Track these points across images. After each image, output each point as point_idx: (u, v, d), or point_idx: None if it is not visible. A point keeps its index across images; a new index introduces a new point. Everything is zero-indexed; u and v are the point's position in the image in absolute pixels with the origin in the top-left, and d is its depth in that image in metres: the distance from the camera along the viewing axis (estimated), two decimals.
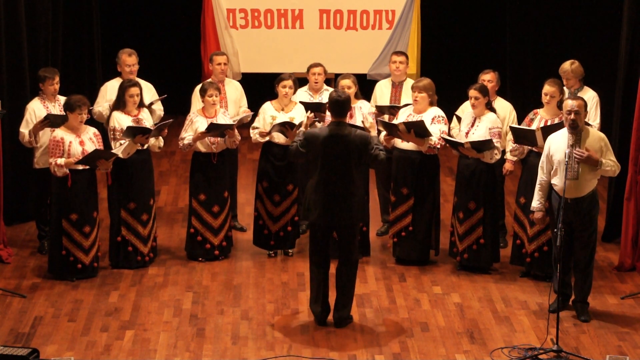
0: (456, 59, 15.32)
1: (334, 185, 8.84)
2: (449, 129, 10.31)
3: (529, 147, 9.91)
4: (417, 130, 9.93)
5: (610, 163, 9.00)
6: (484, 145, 9.86)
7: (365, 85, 12.40)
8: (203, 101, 10.30)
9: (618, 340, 8.86)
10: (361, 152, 8.84)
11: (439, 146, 10.08)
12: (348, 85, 10.42)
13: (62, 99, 10.44)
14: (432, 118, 10.09)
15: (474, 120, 10.04)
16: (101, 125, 10.94)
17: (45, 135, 10.32)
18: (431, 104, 10.17)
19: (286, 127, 10.20)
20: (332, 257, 9.13)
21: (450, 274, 10.21)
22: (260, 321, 9.18)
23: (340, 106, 8.91)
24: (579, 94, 10.17)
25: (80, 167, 9.75)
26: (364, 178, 10.06)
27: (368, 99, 10.81)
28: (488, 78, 10.43)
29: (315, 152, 8.87)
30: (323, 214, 8.88)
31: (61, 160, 9.66)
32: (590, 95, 10.40)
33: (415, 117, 10.12)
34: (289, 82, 10.39)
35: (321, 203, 8.87)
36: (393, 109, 10.64)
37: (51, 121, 10.17)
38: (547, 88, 9.91)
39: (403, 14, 13.83)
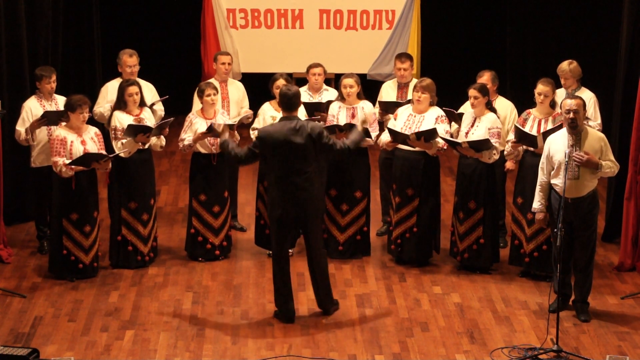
0: (456, 59, 15.33)
1: (292, 180, 8.94)
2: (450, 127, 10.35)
3: (525, 148, 9.92)
4: (428, 137, 9.94)
5: (609, 164, 9.00)
6: (481, 145, 9.86)
7: (366, 86, 12.38)
8: (201, 102, 10.30)
9: (618, 340, 8.86)
10: (315, 143, 8.93)
11: (445, 147, 10.09)
12: (350, 85, 10.41)
13: (59, 98, 10.46)
14: (436, 118, 10.09)
15: (474, 120, 10.05)
16: (102, 125, 10.94)
17: (42, 133, 10.33)
18: (431, 104, 10.17)
19: None
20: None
21: (450, 274, 10.21)
22: (260, 321, 9.18)
23: (289, 100, 9.01)
24: (577, 95, 10.17)
25: (81, 168, 9.75)
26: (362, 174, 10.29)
27: (368, 98, 10.80)
28: (483, 81, 10.41)
29: (270, 148, 8.94)
30: (285, 209, 8.99)
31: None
32: (588, 96, 10.40)
33: (417, 117, 10.12)
34: (281, 82, 10.38)
35: (282, 198, 8.98)
36: (397, 105, 10.61)
37: (48, 119, 10.17)
38: (541, 87, 9.91)
39: (403, 14, 13.83)
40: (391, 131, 10.13)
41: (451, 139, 10.06)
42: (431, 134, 9.93)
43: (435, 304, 9.55)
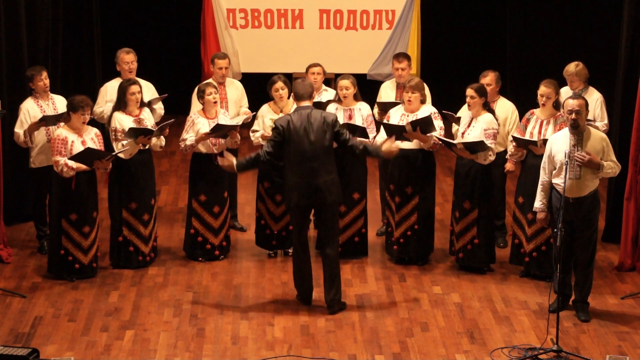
0: (456, 59, 15.33)
1: (308, 166, 9.11)
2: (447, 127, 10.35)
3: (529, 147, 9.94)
4: (423, 127, 9.94)
5: (611, 165, 9.00)
6: (476, 147, 9.84)
7: (366, 86, 12.39)
8: (203, 102, 10.29)
9: (618, 340, 8.86)
10: (329, 131, 9.15)
11: (440, 142, 10.09)
12: (347, 86, 10.39)
13: (56, 98, 10.47)
14: (430, 114, 10.08)
15: (471, 121, 10.04)
16: (102, 125, 10.94)
17: (41, 134, 10.34)
18: (422, 102, 10.18)
19: None
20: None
21: (450, 274, 10.21)
22: (260, 321, 9.18)
23: (302, 90, 9.23)
24: (584, 95, 10.16)
25: (83, 166, 9.75)
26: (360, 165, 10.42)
27: (367, 99, 10.79)
28: (487, 81, 10.40)
29: (286, 136, 9.15)
30: (302, 196, 9.15)
31: (73, 163, 9.67)
32: (595, 97, 10.41)
33: (409, 117, 10.12)
34: (280, 84, 10.39)
35: (299, 185, 9.14)
36: (395, 105, 10.60)
37: (47, 122, 10.19)
38: (543, 90, 9.90)
39: (403, 14, 13.83)
40: (386, 125, 10.12)
41: (446, 139, 10.05)
42: (427, 123, 9.91)
43: (435, 304, 9.55)
